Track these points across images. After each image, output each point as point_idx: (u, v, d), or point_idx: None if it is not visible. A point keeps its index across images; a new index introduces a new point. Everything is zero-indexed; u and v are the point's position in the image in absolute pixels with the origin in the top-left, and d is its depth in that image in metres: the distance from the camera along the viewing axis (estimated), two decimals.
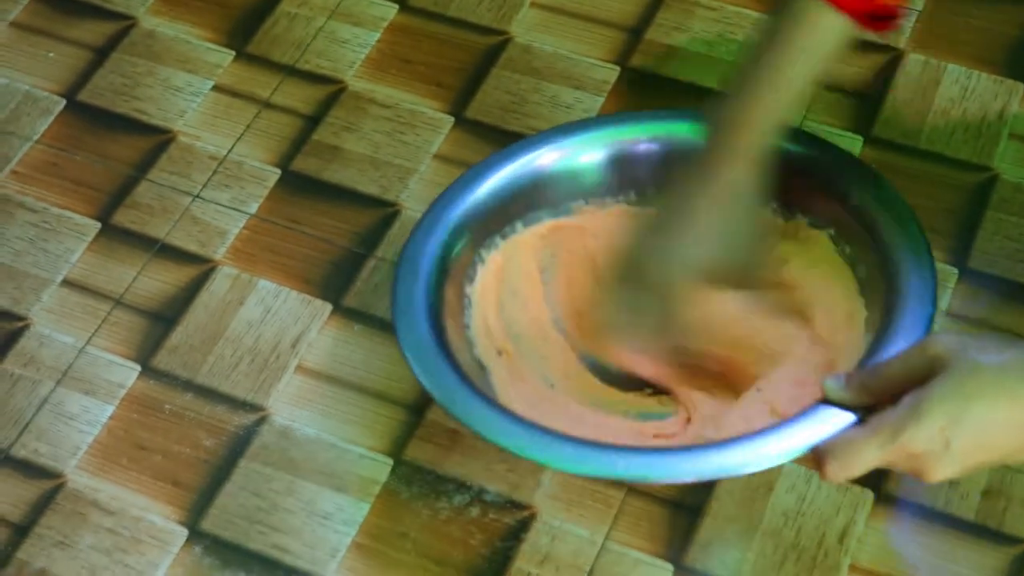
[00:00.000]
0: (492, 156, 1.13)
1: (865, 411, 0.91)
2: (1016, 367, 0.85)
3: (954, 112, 1.27)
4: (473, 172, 1.12)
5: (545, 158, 1.13)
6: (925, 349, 0.87)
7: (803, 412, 0.94)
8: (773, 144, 1.03)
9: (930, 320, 0.98)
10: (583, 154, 1.13)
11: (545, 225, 1.13)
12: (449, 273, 1.07)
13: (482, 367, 1.06)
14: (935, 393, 0.85)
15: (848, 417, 0.92)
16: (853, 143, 1.24)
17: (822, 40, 0.99)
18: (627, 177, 1.14)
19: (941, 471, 0.86)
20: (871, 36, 1.28)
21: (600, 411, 1.07)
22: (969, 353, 0.86)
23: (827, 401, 0.93)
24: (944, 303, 1.15)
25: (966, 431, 0.85)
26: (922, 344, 0.88)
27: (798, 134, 1.10)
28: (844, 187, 1.08)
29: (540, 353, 1.10)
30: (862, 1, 0.97)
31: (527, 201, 1.12)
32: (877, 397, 0.90)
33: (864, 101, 1.28)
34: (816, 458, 0.91)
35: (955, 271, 1.17)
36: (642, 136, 1.14)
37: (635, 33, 1.34)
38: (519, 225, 1.12)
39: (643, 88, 1.30)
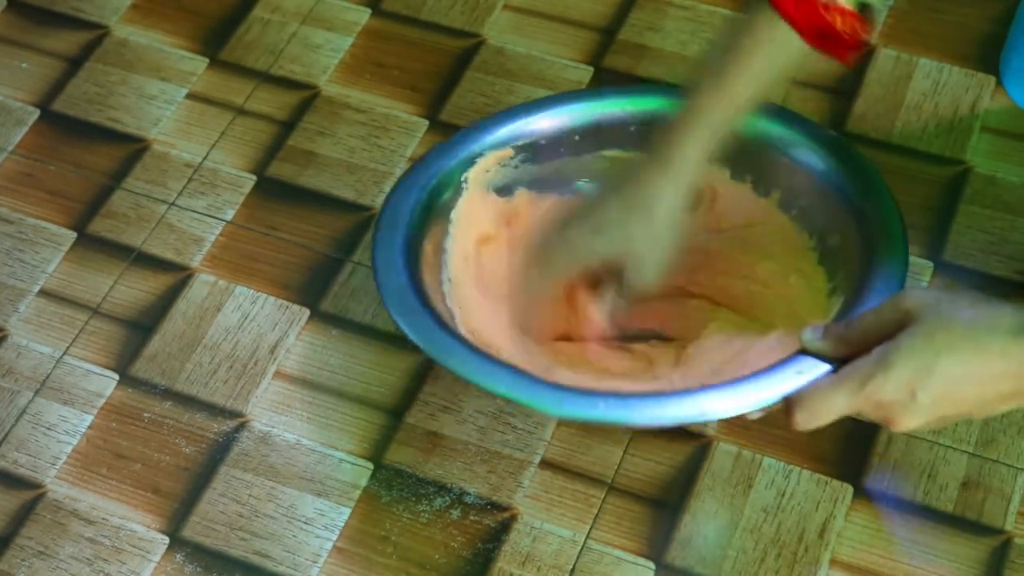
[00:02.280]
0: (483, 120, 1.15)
1: (840, 363, 0.92)
2: (987, 321, 0.86)
3: (926, 106, 1.28)
4: (461, 134, 1.13)
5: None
6: (898, 302, 0.89)
7: (778, 363, 0.95)
8: (715, 148, 1.02)
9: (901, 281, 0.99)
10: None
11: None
12: (430, 227, 1.08)
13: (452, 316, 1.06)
14: (903, 344, 0.87)
15: (822, 367, 0.92)
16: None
17: (775, 54, 0.99)
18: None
19: (908, 420, 0.88)
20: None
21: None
22: (941, 307, 0.87)
23: (804, 352, 0.94)
24: None
25: (934, 383, 0.86)
26: (896, 297, 0.90)
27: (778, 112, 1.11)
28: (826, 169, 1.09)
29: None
30: (811, 16, 0.96)
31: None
32: (852, 348, 0.91)
33: (837, 96, 1.29)
34: (786, 407, 0.92)
35: (930, 264, 1.17)
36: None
37: (608, 34, 1.35)
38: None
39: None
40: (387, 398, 1.12)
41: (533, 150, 1.13)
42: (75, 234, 1.24)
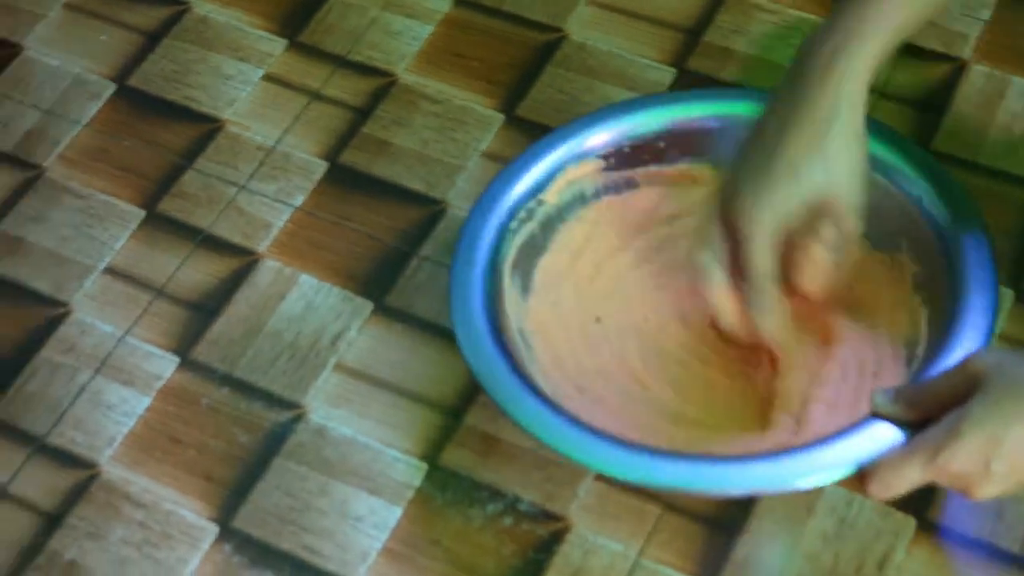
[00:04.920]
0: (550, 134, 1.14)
1: (913, 427, 0.90)
2: None
3: (1017, 127, 1.24)
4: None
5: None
6: (966, 366, 0.86)
7: (849, 428, 0.93)
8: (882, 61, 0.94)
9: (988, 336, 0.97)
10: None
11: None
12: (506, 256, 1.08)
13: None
14: (973, 413, 0.84)
15: (895, 435, 0.91)
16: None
17: None
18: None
19: (985, 490, 0.86)
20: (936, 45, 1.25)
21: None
22: (1007, 370, 0.85)
23: (875, 414, 0.91)
24: (999, 326, 1.12)
25: (1006, 452, 0.84)
26: (964, 361, 0.87)
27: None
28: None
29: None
30: None
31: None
32: (923, 413, 0.89)
33: (926, 112, 1.25)
34: (861, 476, 0.90)
35: (1011, 293, 1.14)
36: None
37: (693, 34, 1.32)
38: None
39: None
40: (446, 397, 1.11)
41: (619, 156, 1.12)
42: (144, 212, 1.23)
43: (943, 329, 0.97)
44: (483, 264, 1.07)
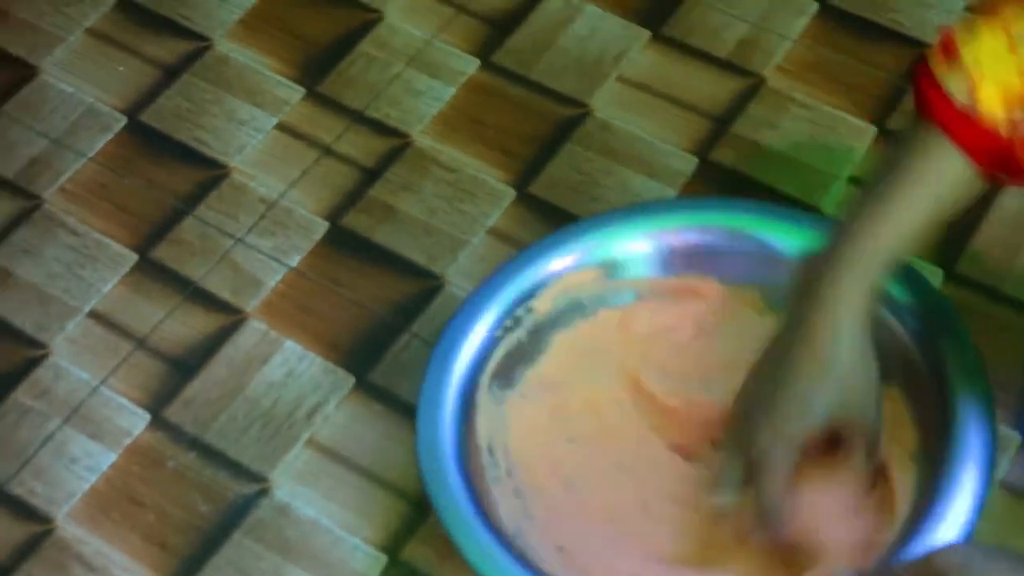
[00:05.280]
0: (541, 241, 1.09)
1: None
2: None
3: None
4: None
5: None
6: (931, 566, 0.81)
7: None
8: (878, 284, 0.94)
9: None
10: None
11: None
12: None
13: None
14: None
15: None
16: (932, 276, 1.16)
17: (943, 180, 0.90)
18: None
19: None
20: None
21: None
22: (975, 567, 0.80)
23: None
24: (1001, 471, 1.07)
25: None
26: (928, 560, 0.82)
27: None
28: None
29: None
30: (985, 140, 0.88)
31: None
32: None
33: (952, 231, 1.19)
34: None
35: (1018, 436, 1.08)
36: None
37: (722, 123, 1.27)
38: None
39: (720, 185, 1.23)
40: (417, 488, 1.07)
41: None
42: (137, 256, 1.20)
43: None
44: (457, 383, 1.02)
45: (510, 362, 1.04)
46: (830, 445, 0.95)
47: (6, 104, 1.30)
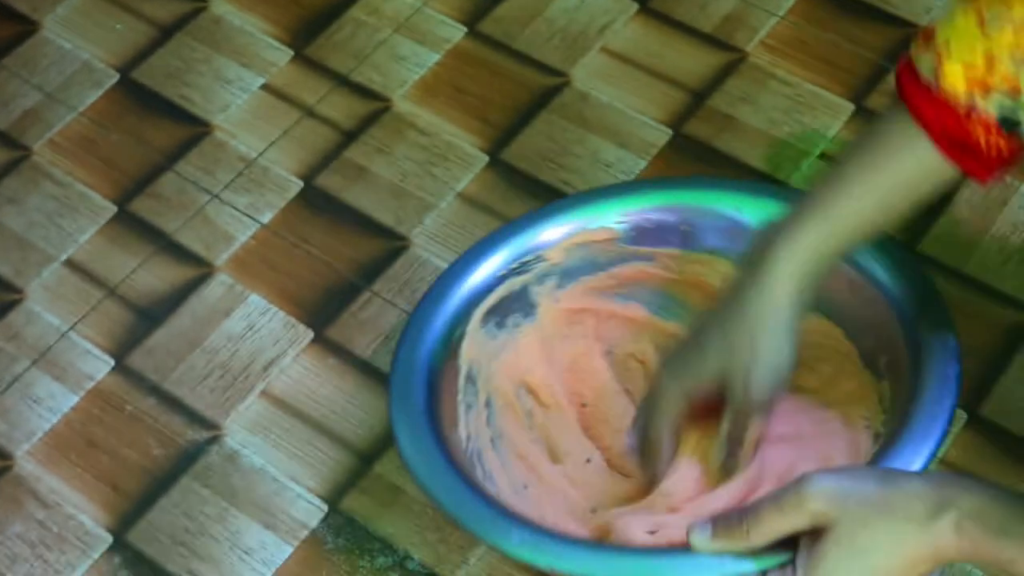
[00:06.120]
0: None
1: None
2: (902, 510, 0.82)
3: (1014, 239, 1.18)
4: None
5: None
6: (803, 502, 0.84)
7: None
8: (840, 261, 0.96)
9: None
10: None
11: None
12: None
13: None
14: (830, 554, 0.83)
15: None
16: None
17: (907, 167, 0.91)
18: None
19: None
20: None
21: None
22: (851, 505, 0.83)
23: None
24: (942, 449, 1.06)
25: None
26: (799, 494, 0.84)
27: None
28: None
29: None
30: (949, 123, 0.87)
31: None
32: (753, 546, 0.86)
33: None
34: None
35: (964, 415, 1.08)
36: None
37: (698, 97, 1.28)
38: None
39: (690, 158, 1.24)
40: (362, 441, 1.10)
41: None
42: (116, 208, 1.24)
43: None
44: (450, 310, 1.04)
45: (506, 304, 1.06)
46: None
47: (6, 58, 1.34)
